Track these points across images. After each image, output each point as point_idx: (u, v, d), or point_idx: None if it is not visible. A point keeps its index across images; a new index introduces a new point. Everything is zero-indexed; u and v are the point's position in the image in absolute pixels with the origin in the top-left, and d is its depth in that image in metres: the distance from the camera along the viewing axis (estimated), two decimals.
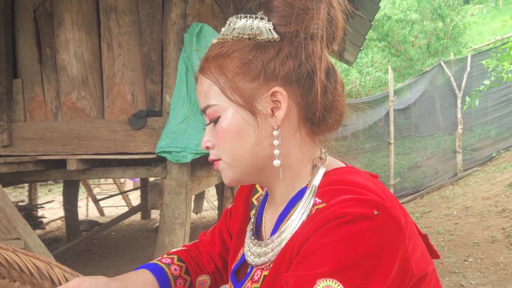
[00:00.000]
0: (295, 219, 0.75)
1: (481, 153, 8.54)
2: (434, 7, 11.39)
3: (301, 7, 0.74)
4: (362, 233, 0.61)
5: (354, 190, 0.69)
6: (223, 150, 0.77)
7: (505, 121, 8.62)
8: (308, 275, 0.62)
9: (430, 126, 9.03)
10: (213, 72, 0.76)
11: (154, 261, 0.99)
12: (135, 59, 3.09)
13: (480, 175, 7.65)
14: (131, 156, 3.02)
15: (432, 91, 8.78)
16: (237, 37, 0.75)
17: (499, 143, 8.54)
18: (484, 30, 18.30)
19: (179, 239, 2.97)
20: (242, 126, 0.75)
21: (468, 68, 8.51)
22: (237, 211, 1.00)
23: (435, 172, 8.60)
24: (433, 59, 11.41)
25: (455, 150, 8.49)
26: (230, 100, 0.75)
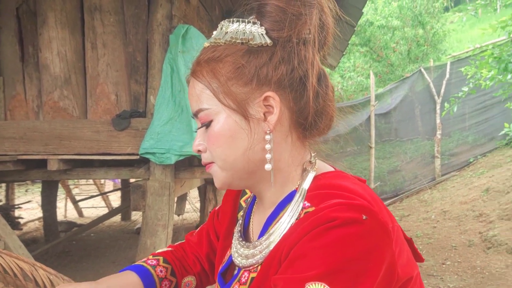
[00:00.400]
0: (284, 222, 0.75)
1: (459, 158, 8.71)
2: (415, 14, 11.59)
3: (294, 13, 0.74)
4: (351, 237, 0.62)
5: (343, 194, 0.71)
6: (215, 153, 0.78)
7: (482, 127, 8.81)
8: (297, 278, 0.63)
9: (410, 131, 9.18)
10: (205, 76, 0.76)
11: (139, 263, 0.99)
12: (119, 59, 3.07)
13: (457, 180, 7.81)
14: (114, 157, 3.00)
15: (412, 97, 8.93)
16: (229, 41, 0.75)
17: (476, 148, 8.73)
18: (463, 37, 18.68)
19: (161, 241, 2.96)
20: (235, 130, 0.75)
21: (447, 75, 8.69)
22: (224, 212, 1.00)
23: (414, 176, 8.73)
24: (414, 65, 11.60)
25: (434, 155, 8.64)
26: (222, 105, 0.75)
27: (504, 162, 7.21)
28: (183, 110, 2.88)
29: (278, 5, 0.75)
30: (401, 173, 8.92)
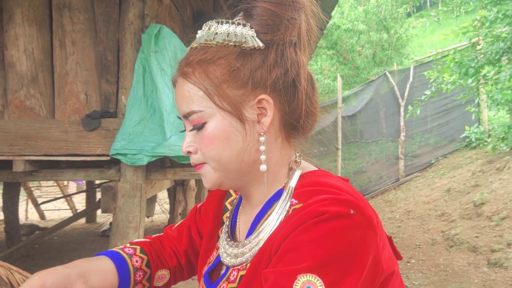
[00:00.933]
0: (273, 219, 0.77)
1: (421, 159, 8.99)
2: (380, 19, 11.89)
3: (284, 16, 0.75)
4: (339, 231, 0.65)
5: (330, 190, 0.73)
6: (208, 155, 0.78)
7: (443, 129, 9.12)
8: (289, 270, 0.64)
9: (375, 132, 9.40)
10: (197, 77, 0.76)
11: (116, 249, 0.97)
12: (89, 58, 3.00)
13: (420, 181, 8.05)
14: (83, 158, 2.93)
15: (377, 100, 9.15)
16: (221, 43, 0.75)
17: (438, 150, 9.02)
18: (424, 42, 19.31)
19: None
20: (230, 132, 0.76)
21: (410, 79, 8.94)
22: (208, 213, 1.00)
23: (379, 177, 8.94)
24: (378, 69, 11.89)
25: (398, 156, 8.87)
26: (218, 107, 0.75)
27: (464, 163, 7.49)
28: (155, 111, 2.85)
29: (269, 8, 0.75)
30: (366, 174, 9.12)
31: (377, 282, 0.70)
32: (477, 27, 6.74)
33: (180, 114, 0.81)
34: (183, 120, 0.81)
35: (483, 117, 8.65)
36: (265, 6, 0.75)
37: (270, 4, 0.75)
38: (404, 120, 8.76)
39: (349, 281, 0.63)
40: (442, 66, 7.08)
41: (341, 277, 0.63)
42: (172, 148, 2.75)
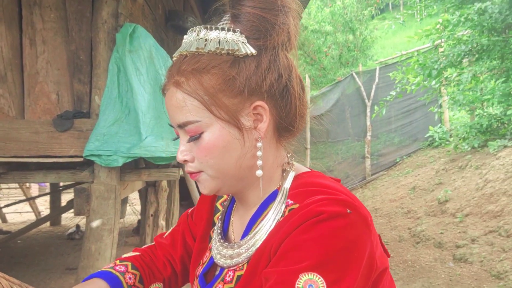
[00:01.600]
0: (269, 220, 0.79)
1: (387, 158, 9.22)
2: (346, 20, 12.11)
3: (274, 21, 0.75)
4: (337, 230, 0.67)
5: (326, 191, 0.75)
6: (207, 164, 0.78)
7: (407, 129, 9.39)
8: (291, 270, 0.66)
9: (342, 132, 9.57)
10: (192, 87, 0.75)
11: (107, 269, 0.96)
12: (61, 57, 2.93)
13: (386, 179, 8.25)
14: (55, 159, 2.86)
15: (344, 100, 9.32)
16: (214, 52, 0.74)
17: (402, 149, 9.28)
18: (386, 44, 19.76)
19: (106, 246, 2.87)
20: (229, 141, 0.76)
21: (376, 79, 9.16)
22: (200, 215, 1.01)
23: (346, 176, 9.11)
24: (345, 70, 12.10)
25: (364, 155, 9.07)
26: (216, 117, 0.75)
27: (427, 162, 7.73)
28: (130, 111, 2.81)
29: (259, 14, 0.75)
30: (333, 173, 9.27)
31: (371, 278, 0.72)
32: (440, 30, 6.98)
33: (173, 124, 0.80)
34: (176, 129, 0.81)
35: (445, 117, 8.97)
36: (255, 12, 0.75)
37: (259, 9, 0.75)
38: (371, 120, 8.96)
39: (349, 278, 0.66)
40: (406, 68, 7.30)
41: (341, 275, 0.65)
42: (148, 149, 2.73)
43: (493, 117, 6.17)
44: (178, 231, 1.07)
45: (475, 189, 5.12)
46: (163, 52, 3.02)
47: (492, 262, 3.78)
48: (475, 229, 4.48)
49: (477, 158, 5.85)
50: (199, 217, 1.02)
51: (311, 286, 0.64)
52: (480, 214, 4.67)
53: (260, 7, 0.75)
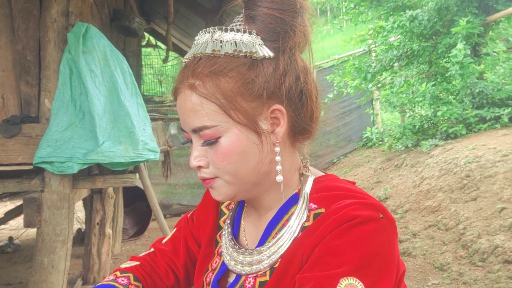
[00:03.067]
0: (293, 225, 0.78)
1: (325, 159, 9.51)
2: None
3: (291, 23, 0.75)
4: (371, 234, 0.69)
5: (352, 195, 0.76)
6: (224, 169, 0.76)
7: (343, 131, 9.74)
8: (330, 274, 0.66)
9: None
10: (209, 90, 0.73)
11: (109, 283, 0.93)
12: (5, 57, 2.71)
13: None
14: (1, 167, 2.64)
15: None
16: (231, 54, 0.73)
17: (338, 150, 9.62)
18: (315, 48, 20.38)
19: (60, 258, 2.70)
20: (247, 146, 0.74)
21: None
22: (204, 219, 0.99)
23: None
24: None
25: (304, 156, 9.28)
26: (234, 121, 0.73)
27: (364, 161, 8.08)
28: (85, 115, 2.67)
29: (276, 15, 0.74)
30: None
31: (397, 280, 0.74)
32: (374, 36, 7.35)
33: (187, 128, 0.77)
34: (188, 133, 0.78)
35: (378, 119, 9.43)
36: (272, 13, 0.74)
37: (277, 11, 0.74)
38: None
39: (385, 280, 0.67)
40: (343, 71, 7.60)
41: (378, 278, 0.67)
42: (106, 154, 2.61)
43: (424, 118, 6.58)
44: (179, 237, 1.04)
45: (412, 186, 5.42)
46: (118, 53, 2.91)
47: (434, 255, 4.03)
48: (415, 224, 4.74)
49: (411, 157, 6.20)
50: (202, 222, 0.99)
51: None
52: (419, 210, 4.95)
53: (277, 8, 0.74)
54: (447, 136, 6.10)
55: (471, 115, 5.97)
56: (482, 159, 4.78)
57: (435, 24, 6.63)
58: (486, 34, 6.53)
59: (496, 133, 5.54)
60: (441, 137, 6.13)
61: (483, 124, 5.95)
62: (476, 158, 4.87)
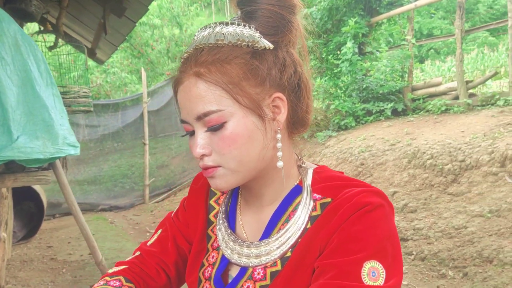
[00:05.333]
0: (301, 216, 0.82)
1: None
2: (174, 15, 12.11)
3: (288, 18, 0.80)
4: (382, 219, 0.76)
5: (354, 183, 0.83)
6: (230, 156, 0.77)
7: None
8: (353, 259, 0.72)
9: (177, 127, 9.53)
10: (215, 76, 0.75)
11: (101, 287, 0.91)
12: None
13: None
14: None
15: None
16: (234, 43, 0.76)
17: None
18: None
19: None
20: (252, 130, 0.76)
21: None
22: (194, 217, 0.99)
23: (183, 170, 9.20)
24: (174, 64, 12.12)
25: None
26: (240, 105, 0.75)
27: None
28: None
29: (276, 10, 0.78)
30: (169, 168, 9.25)
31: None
32: None
33: (191, 116, 0.77)
34: (190, 123, 0.79)
35: None
36: (272, 8, 0.78)
37: (276, 6, 0.78)
38: None
39: (398, 261, 0.76)
40: None
41: (393, 259, 0.74)
42: (22, 150, 2.37)
43: (318, 111, 7.03)
44: (167, 236, 1.01)
45: None
46: (29, 39, 2.65)
47: None
48: None
49: (308, 148, 6.60)
50: (192, 218, 0.99)
51: (373, 272, 0.71)
52: None
53: (276, 4, 0.78)
54: (339, 127, 6.60)
55: (359, 109, 6.53)
56: (373, 148, 5.28)
57: (326, 23, 7.10)
58: (370, 34, 7.18)
59: (381, 125, 6.14)
60: (333, 129, 6.62)
61: (370, 116, 6.54)
62: (368, 147, 5.36)
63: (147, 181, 8.29)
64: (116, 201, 8.19)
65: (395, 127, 5.93)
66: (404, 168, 4.82)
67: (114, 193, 8.36)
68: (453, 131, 5.19)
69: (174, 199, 8.22)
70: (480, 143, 4.57)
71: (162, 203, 8.21)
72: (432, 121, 5.91)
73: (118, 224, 6.64)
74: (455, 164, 4.51)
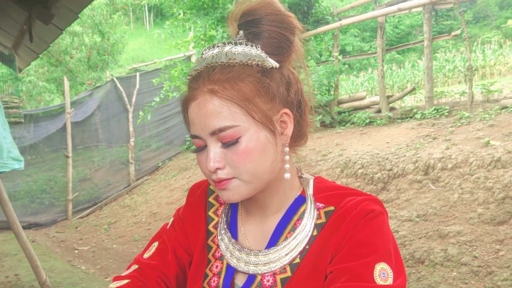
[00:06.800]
0: (307, 224, 0.87)
1: (149, 163, 9.39)
2: (96, 23, 11.66)
3: (291, 39, 0.86)
4: (384, 224, 0.85)
5: (353, 192, 0.90)
6: (244, 168, 0.80)
7: (165, 135, 9.79)
8: (365, 263, 0.77)
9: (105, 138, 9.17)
10: (230, 93, 0.78)
11: None
12: None
13: (153, 183, 8.43)
14: None
15: (106, 105, 8.98)
16: (245, 62, 0.80)
17: (162, 154, 9.62)
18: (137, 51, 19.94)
19: None
20: (265, 144, 0.80)
21: (137, 85, 9.21)
22: (194, 228, 1.01)
23: (108, 184, 8.84)
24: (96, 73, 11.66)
25: (128, 161, 9.00)
26: (254, 120, 0.79)
27: (192, 164, 8.29)
28: None
29: (280, 32, 0.84)
30: (92, 181, 8.85)
31: None
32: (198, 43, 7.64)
33: (205, 132, 0.80)
34: (203, 138, 0.81)
35: None
36: (276, 30, 0.84)
37: (280, 28, 0.85)
38: (134, 125, 8.96)
39: (400, 261, 0.84)
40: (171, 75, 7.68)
41: (396, 260, 0.82)
42: None
43: None
44: (165, 248, 1.01)
45: None
46: None
47: None
48: None
49: None
50: (191, 230, 1.00)
51: (384, 273, 0.78)
52: None
53: (279, 26, 0.84)
54: None
55: None
56: (307, 158, 5.49)
57: None
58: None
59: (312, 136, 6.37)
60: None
61: None
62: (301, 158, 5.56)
63: (70, 195, 7.85)
64: (35, 218, 7.66)
65: (325, 138, 6.23)
66: (337, 177, 5.07)
67: (32, 210, 7.81)
68: (379, 142, 5.57)
69: (100, 214, 7.87)
70: (405, 153, 4.95)
71: (87, 218, 7.82)
72: (359, 132, 6.28)
73: (41, 243, 6.22)
74: (384, 173, 4.84)
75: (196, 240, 0.97)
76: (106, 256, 5.52)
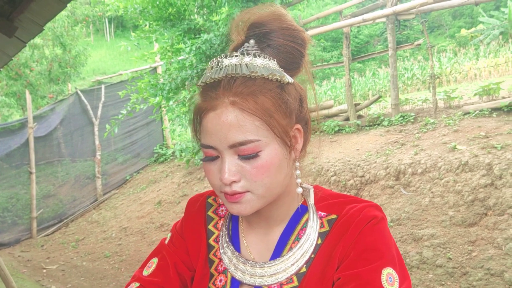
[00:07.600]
0: (311, 233, 0.88)
1: (116, 177, 9.18)
2: (57, 35, 11.35)
3: (303, 53, 0.87)
4: (385, 230, 0.87)
5: (353, 199, 0.92)
6: (261, 182, 0.79)
7: (132, 148, 9.61)
8: (372, 268, 0.79)
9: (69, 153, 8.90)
10: (252, 108, 0.77)
11: None
12: None
13: (121, 197, 8.24)
14: None
15: (69, 119, 8.73)
16: (267, 77, 0.79)
17: (129, 167, 9.44)
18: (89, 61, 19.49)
19: None
20: (282, 159, 0.80)
21: (103, 98, 9.01)
22: (195, 243, 1.00)
23: (74, 199, 8.57)
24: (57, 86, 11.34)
25: (94, 175, 8.77)
26: (274, 135, 0.78)
27: (161, 176, 8.18)
28: None
29: (294, 46, 0.84)
30: (57, 197, 8.55)
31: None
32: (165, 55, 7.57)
33: (224, 144, 0.78)
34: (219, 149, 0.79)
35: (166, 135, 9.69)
36: (290, 44, 0.84)
37: (293, 43, 0.85)
38: (100, 139, 8.75)
39: (404, 266, 0.86)
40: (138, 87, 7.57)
41: (400, 264, 0.84)
42: None
43: None
44: (166, 265, 1.00)
45: None
46: None
47: None
48: None
49: None
50: (193, 245, 1.00)
51: (390, 278, 0.80)
52: None
53: (293, 41, 0.85)
54: None
55: None
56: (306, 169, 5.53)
57: (225, 48, 7.28)
58: None
59: None
60: None
61: None
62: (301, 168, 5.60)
63: (34, 213, 7.55)
64: None
65: None
66: (311, 185, 5.11)
67: None
68: (349, 149, 5.67)
69: (67, 231, 7.61)
70: (375, 159, 5.06)
71: (53, 236, 7.55)
72: (328, 140, 6.38)
73: (6, 263, 5.94)
74: (356, 180, 4.93)
75: (198, 255, 0.97)
76: (77, 274, 5.34)
